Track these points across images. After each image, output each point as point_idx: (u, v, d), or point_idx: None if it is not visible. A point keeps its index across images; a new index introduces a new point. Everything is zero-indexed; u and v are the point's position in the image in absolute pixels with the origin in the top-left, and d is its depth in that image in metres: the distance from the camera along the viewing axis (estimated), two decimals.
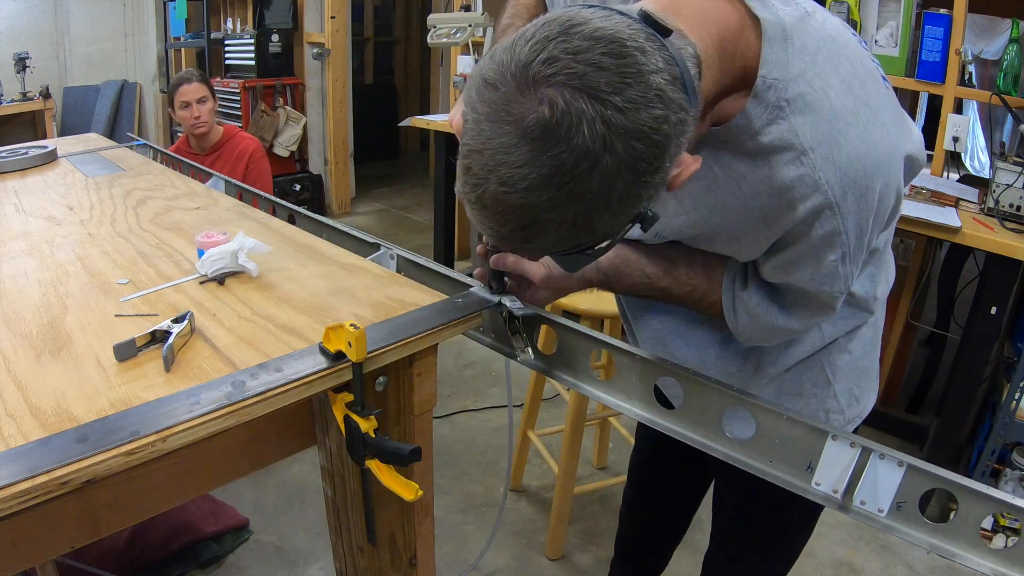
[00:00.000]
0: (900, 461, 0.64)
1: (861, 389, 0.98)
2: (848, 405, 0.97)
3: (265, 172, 2.70)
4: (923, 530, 0.65)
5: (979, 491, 0.61)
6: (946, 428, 2.27)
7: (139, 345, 0.71)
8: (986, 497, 0.61)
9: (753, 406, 0.73)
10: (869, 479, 0.66)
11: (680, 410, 0.79)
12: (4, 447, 0.55)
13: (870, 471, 0.66)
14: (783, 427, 0.71)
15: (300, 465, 2.27)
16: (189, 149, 2.66)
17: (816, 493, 0.70)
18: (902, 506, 0.65)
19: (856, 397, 0.97)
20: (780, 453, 0.72)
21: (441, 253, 3.78)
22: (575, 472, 1.90)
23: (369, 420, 0.71)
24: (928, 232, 2.08)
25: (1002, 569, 0.61)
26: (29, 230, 1.12)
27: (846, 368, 0.95)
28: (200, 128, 2.59)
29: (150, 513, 0.68)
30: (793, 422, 0.70)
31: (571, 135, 0.53)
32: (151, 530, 1.86)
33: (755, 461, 0.73)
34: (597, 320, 1.82)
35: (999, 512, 0.61)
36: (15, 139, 3.36)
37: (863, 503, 0.66)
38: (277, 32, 4.80)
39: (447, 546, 1.98)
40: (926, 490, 0.64)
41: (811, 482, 0.69)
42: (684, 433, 0.78)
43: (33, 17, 5.22)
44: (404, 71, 7.29)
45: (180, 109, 2.57)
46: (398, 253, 1.04)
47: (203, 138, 2.63)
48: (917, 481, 0.64)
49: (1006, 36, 2.28)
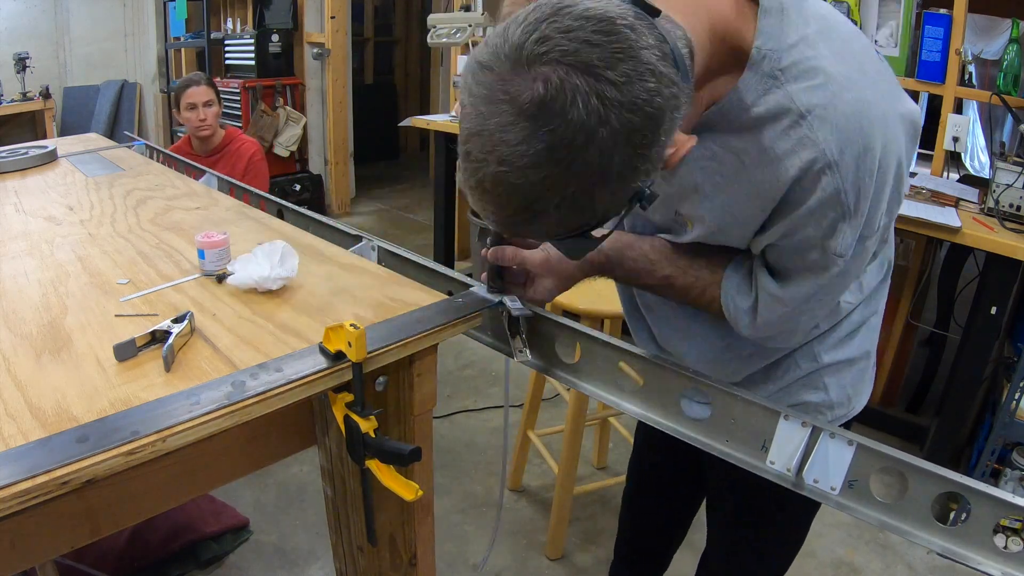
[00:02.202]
0: (850, 440, 0.66)
1: (855, 388, 0.98)
2: (839, 403, 0.96)
3: (262, 175, 2.73)
4: (875, 509, 0.66)
5: (928, 470, 0.62)
6: (946, 428, 2.27)
7: (139, 345, 0.71)
8: (936, 476, 0.62)
9: (708, 387, 0.75)
10: (820, 457, 0.68)
11: (641, 391, 0.81)
12: (4, 447, 0.55)
13: (820, 449, 0.68)
14: (737, 407, 0.73)
15: (300, 465, 2.27)
16: (190, 150, 2.67)
17: (770, 471, 0.71)
18: (854, 484, 0.67)
19: (848, 396, 0.97)
20: (736, 433, 0.74)
21: (441, 253, 3.78)
22: (575, 472, 1.90)
23: (369, 420, 0.71)
24: (928, 232, 2.08)
25: (951, 546, 0.63)
26: (29, 230, 1.12)
27: (839, 366, 0.94)
28: (204, 131, 2.62)
29: (150, 513, 0.68)
30: (747, 403, 0.72)
31: (567, 110, 0.53)
32: (151, 530, 1.86)
33: (713, 441, 0.76)
34: (597, 320, 1.82)
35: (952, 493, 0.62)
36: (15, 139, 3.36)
37: (816, 481, 0.68)
38: (277, 32, 4.80)
39: (447, 546, 1.98)
40: (877, 468, 0.66)
41: (766, 461, 0.71)
42: (646, 415, 0.80)
43: (33, 17, 5.22)
44: (404, 71, 7.29)
45: (186, 111, 2.59)
46: (379, 245, 1.05)
47: (206, 140, 2.66)
48: (867, 460, 0.66)
49: (1006, 36, 2.27)
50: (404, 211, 5.50)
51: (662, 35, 0.58)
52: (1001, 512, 0.60)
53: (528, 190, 0.57)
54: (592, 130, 0.54)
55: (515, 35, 0.56)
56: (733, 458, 0.74)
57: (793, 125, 0.69)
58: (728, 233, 0.82)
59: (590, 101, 0.53)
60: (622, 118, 0.54)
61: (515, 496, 2.24)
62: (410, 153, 7.44)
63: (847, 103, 0.68)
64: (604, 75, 0.54)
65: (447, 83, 4.65)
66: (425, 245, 4.20)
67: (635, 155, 0.57)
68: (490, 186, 0.58)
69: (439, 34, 3.38)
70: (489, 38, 0.59)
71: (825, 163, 0.68)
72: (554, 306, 1.81)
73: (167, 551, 1.86)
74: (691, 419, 0.77)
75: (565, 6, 0.56)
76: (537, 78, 0.54)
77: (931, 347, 2.77)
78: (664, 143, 0.59)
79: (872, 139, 0.69)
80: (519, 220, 0.61)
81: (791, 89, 0.68)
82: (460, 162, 0.61)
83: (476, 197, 0.61)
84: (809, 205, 0.71)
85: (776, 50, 0.68)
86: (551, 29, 0.55)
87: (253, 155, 2.70)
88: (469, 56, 0.61)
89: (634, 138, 0.56)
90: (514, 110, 0.55)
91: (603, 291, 1.49)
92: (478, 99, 0.57)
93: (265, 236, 1.10)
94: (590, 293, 1.70)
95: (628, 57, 0.54)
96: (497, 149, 0.56)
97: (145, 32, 5.64)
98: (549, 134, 0.54)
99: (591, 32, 0.54)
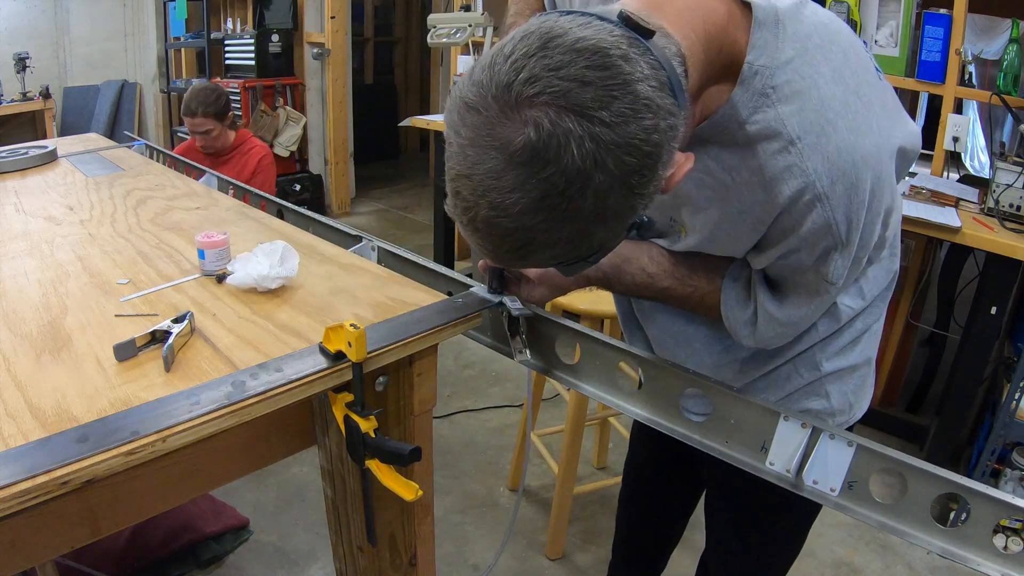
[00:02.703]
0: (850, 441, 0.66)
1: (856, 395, 0.97)
2: (840, 410, 0.96)
3: (269, 180, 2.76)
4: (874, 510, 0.66)
5: (927, 471, 0.62)
6: (946, 428, 2.27)
7: (139, 345, 0.71)
8: (936, 478, 0.62)
9: (707, 387, 0.75)
10: (820, 458, 0.68)
11: (640, 392, 0.81)
12: (4, 447, 0.55)
13: (820, 451, 0.68)
14: (737, 408, 0.73)
15: (300, 465, 2.27)
16: (200, 148, 2.72)
17: (770, 472, 0.71)
18: (853, 485, 0.67)
19: (850, 403, 0.97)
20: (736, 434, 0.74)
21: (441, 253, 3.78)
22: (575, 472, 1.90)
23: (369, 420, 0.71)
24: (928, 232, 2.08)
25: (950, 547, 0.63)
26: (29, 230, 1.12)
27: (841, 373, 0.94)
28: (208, 151, 2.68)
29: (150, 513, 0.68)
30: (747, 403, 0.72)
31: (560, 156, 0.51)
32: (151, 530, 1.86)
33: (713, 442, 0.76)
34: (597, 320, 1.82)
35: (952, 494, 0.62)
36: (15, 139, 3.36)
37: (815, 482, 0.68)
38: (277, 32, 4.80)
39: (447, 546, 1.98)
40: (877, 469, 0.66)
41: (765, 462, 0.71)
42: (646, 416, 0.81)
43: (33, 17, 5.22)
44: (404, 71, 7.29)
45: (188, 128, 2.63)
46: (379, 245, 1.05)
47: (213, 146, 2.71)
48: (867, 461, 0.66)
49: (1006, 36, 2.27)
50: (404, 211, 5.50)
51: (657, 61, 0.56)
52: (1001, 512, 0.60)
53: (522, 233, 0.56)
54: (588, 175, 0.52)
55: (502, 73, 0.53)
56: (733, 459, 0.74)
57: (783, 150, 0.67)
58: (722, 245, 0.82)
59: (584, 145, 0.51)
60: (618, 160, 0.52)
61: (515, 496, 2.24)
62: (410, 153, 7.44)
63: (840, 134, 0.66)
64: (598, 116, 0.51)
65: (447, 83, 4.66)
66: (425, 245, 4.20)
67: (632, 195, 0.55)
68: (482, 227, 0.57)
69: (439, 34, 3.38)
70: (475, 72, 0.56)
71: (815, 194, 0.67)
72: (554, 306, 1.81)
73: (167, 551, 1.86)
74: (691, 421, 0.77)
75: (555, 36, 0.53)
76: (528, 123, 0.51)
77: (931, 347, 2.77)
78: (662, 176, 0.57)
79: (863, 173, 0.67)
80: (512, 257, 0.59)
81: (783, 111, 0.66)
82: (449, 194, 0.59)
83: (468, 233, 0.59)
84: (800, 233, 0.71)
85: (768, 67, 0.66)
86: (540, 67, 0.52)
87: (262, 160, 2.73)
88: (454, 89, 0.59)
89: (631, 179, 0.54)
90: (504, 157, 0.53)
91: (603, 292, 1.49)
92: (466, 142, 0.55)
93: (265, 236, 1.10)
94: (590, 293, 1.70)
95: (624, 93, 0.52)
96: (489, 194, 0.54)
97: (145, 32, 5.64)
98: (542, 182, 0.52)
99: (583, 68, 0.52)
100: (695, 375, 0.76)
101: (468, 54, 3.63)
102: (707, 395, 0.75)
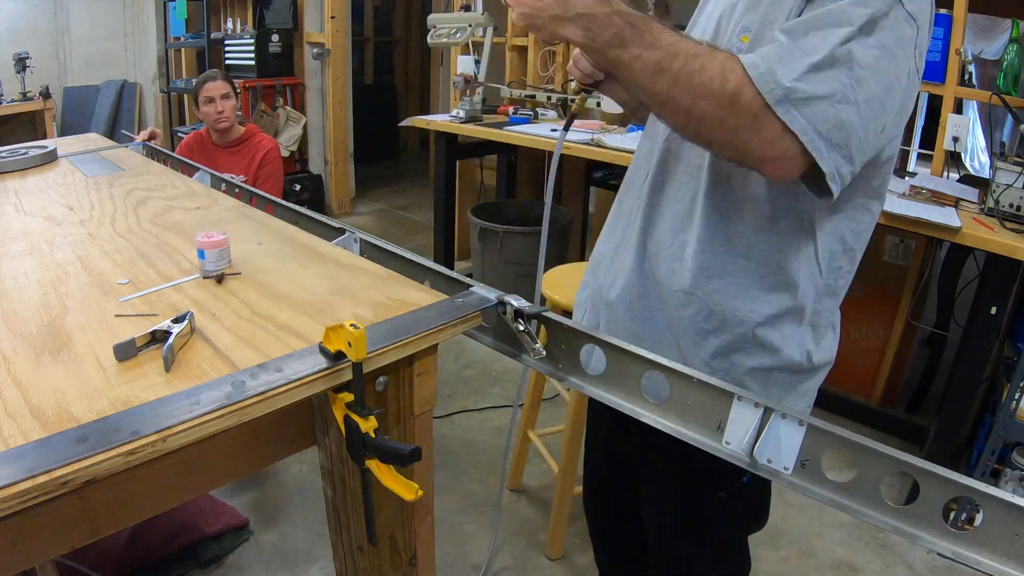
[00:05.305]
0: (801, 420, 0.67)
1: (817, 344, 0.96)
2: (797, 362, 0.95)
3: (276, 173, 2.77)
4: (826, 488, 0.67)
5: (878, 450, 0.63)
6: (946, 428, 2.27)
7: (139, 345, 0.71)
8: (883, 456, 0.63)
9: (665, 369, 0.76)
10: (772, 438, 0.69)
11: (605, 375, 0.82)
12: (4, 447, 0.55)
13: (772, 429, 0.69)
14: (693, 389, 0.74)
15: (300, 465, 2.27)
16: (211, 141, 2.74)
17: (727, 452, 0.72)
18: (806, 464, 0.68)
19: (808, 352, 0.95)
20: (693, 414, 0.75)
21: (441, 253, 3.78)
22: (575, 472, 1.90)
23: (369, 420, 0.71)
24: (928, 232, 2.08)
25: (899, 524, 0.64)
26: (29, 230, 1.12)
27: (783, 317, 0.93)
28: (222, 123, 2.68)
29: (150, 513, 0.68)
30: (703, 385, 0.73)
31: None
32: (151, 530, 1.86)
33: (672, 423, 0.77)
34: None
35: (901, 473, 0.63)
36: (15, 139, 3.36)
37: (769, 461, 0.69)
38: (277, 32, 4.80)
39: (447, 546, 1.98)
40: (828, 449, 0.67)
41: (722, 441, 0.72)
42: (612, 399, 0.81)
43: (33, 17, 5.22)
44: (404, 71, 7.30)
45: (204, 105, 2.67)
46: (361, 237, 1.07)
47: (225, 133, 2.72)
48: (818, 440, 0.67)
49: (1006, 36, 2.28)
50: (404, 211, 5.50)
51: None
52: (951, 491, 0.60)
53: None
54: None
55: None
56: (693, 439, 0.75)
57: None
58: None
59: None
60: None
61: (515, 496, 2.24)
62: (410, 153, 7.45)
63: None
64: None
65: (447, 83, 4.65)
66: (425, 245, 4.20)
67: None
68: None
69: (439, 34, 3.37)
70: None
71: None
72: (556, 306, 1.81)
73: (167, 551, 1.86)
74: (652, 402, 0.79)
75: None
76: None
77: (931, 347, 2.77)
78: None
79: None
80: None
81: None
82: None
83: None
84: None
85: None
86: None
87: (268, 153, 2.75)
88: None
89: None
90: None
91: None
92: None
93: (265, 236, 1.10)
94: None
95: None
96: None
97: (145, 32, 5.65)
98: None
99: None
100: (654, 357, 0.77)
101: (468, 54, 3.62)
102: (666, 377, 0.76)
